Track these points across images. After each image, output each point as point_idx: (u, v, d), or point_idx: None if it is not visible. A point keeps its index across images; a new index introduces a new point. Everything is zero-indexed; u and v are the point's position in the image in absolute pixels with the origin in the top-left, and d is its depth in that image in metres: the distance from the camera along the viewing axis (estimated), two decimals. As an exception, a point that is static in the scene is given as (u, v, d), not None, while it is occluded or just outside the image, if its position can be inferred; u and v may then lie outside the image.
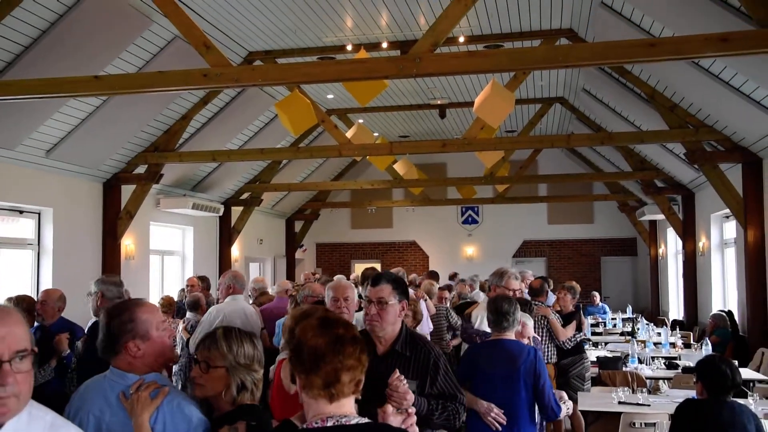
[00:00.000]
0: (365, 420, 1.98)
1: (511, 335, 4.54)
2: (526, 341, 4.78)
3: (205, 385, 2.63)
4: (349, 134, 11.39)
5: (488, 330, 4.78)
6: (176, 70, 6.45)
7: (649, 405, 5.79)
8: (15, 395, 1.71)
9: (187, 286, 8.82)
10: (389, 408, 2.59)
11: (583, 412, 6.02)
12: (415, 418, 2.67)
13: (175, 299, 8.94)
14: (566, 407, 4.59)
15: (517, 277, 5.41)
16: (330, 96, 13.16)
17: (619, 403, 5.89)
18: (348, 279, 8.91)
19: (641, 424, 5.33)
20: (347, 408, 1.97)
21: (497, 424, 4.28)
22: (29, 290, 9.40)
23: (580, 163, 17.53)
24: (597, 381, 7.31)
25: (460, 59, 6.09)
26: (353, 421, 1.94)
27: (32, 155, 9.07)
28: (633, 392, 6.29)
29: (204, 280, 9.17)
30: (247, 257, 16.31)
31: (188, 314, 7.70)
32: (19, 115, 8.19)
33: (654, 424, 5.27)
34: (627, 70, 9.50)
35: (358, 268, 17.76)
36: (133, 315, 2.64)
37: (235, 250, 15.39)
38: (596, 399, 6.24)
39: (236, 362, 2.63)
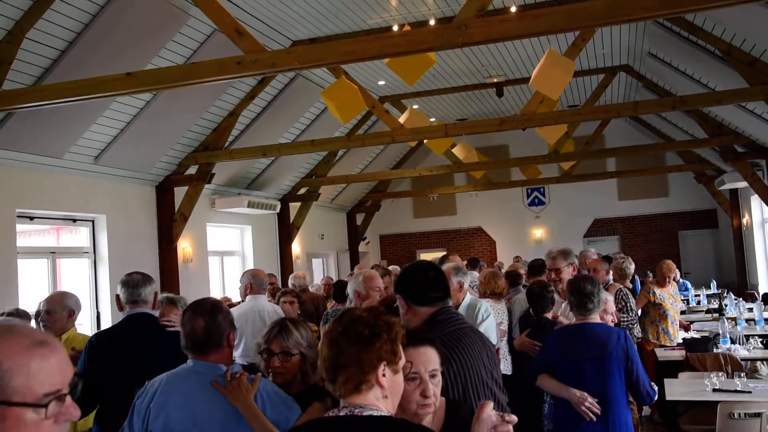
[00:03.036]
0: (382, 413, 1.94)
1: (596, 318, 4.22)
2: (610, 318, 4.44)
3: (285, 372, 2.97)
4: (402, 119, 10.92)
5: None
6: (209, 60, 6.12)
7: (750, 392, 5.10)
8: None
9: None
10: (490, 405, 2.33)
11: (671, 402, 5.39)
12: (510, 428, 2.30)
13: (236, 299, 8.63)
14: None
15: (557, 257, 4.96)
16: (381, 82, 12.73)
17: (714, 390, 5.20)
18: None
19: (742, 414, 4.69)
20: (369, 399, 1.96)
21: (591, 414, 3.97)
22: (88, 299, 9.32)
23: (649, 135, 16.58)
24: (685, 365, 6.64)
25: (509, 23, 5.53)
26: (366, 413, 1.92)
27: (81, 162, 8.94)
28: (728, 377, 5.64)
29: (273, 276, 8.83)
30: (309, 253, 16.06)
31: None
32: (63, 122, 8.05)
33: (759, 414, 4.62)
34: (698, 27, 8.71)
35: (425, 257, 17.27)
36: (228, 309, 2.94)
37: (296, 247, 15.14)
38: (686, 387, 5.58)
39: (307, 347, 3.00)
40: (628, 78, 13.36)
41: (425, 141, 12.84)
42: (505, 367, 5.62)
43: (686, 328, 8.19)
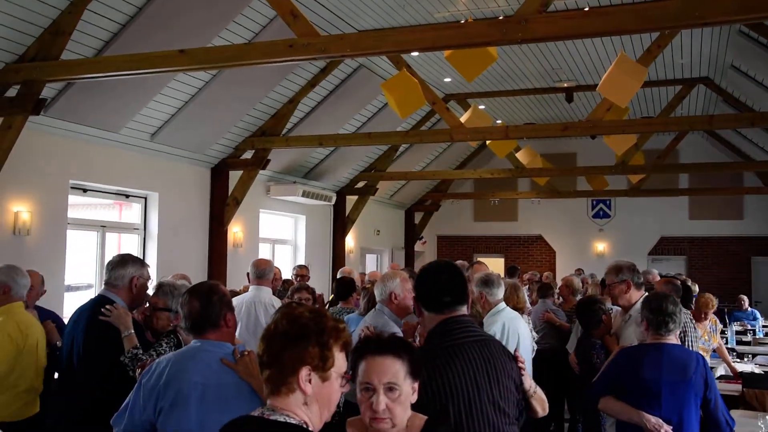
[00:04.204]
0: (292, 420, 1.81)
1: (675, 339, 3.92)
2: None
3: None
4: (463, 118, 10.62)
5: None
6: (261, 42, 6.01)
7: (806, 439, 4.65)
8: None
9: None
10: None
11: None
12: None
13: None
14: None
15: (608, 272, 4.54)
16: (447, 79, 12.45)
17: (767, 433, 4.78)
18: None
19: (795, 465, 4.24)
20: (288, 403, 1.84)
21: None
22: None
23: (727, 153, 15.74)
24: (741, 402, 6.16)
25: (573, 20, 5.21)
26: (273, 417, 1.82)
27: (137, 138, 8.99)
28: (786, 420, 5.15)
29: (303, 268, 8.68)
30: (363, 248, 15.90)
31: None
32: (121, 96, 8.08)
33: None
34: (786, 37, 8.14)
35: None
36: (226, 291, 3.04)
37: (350, 241, 15.01)
38: (738, 426, 5.13)
39: None
40: (708, 91, 12.68)
41: (488, 143, 12.53)
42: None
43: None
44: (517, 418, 2.79)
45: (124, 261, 3.87)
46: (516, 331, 4.43)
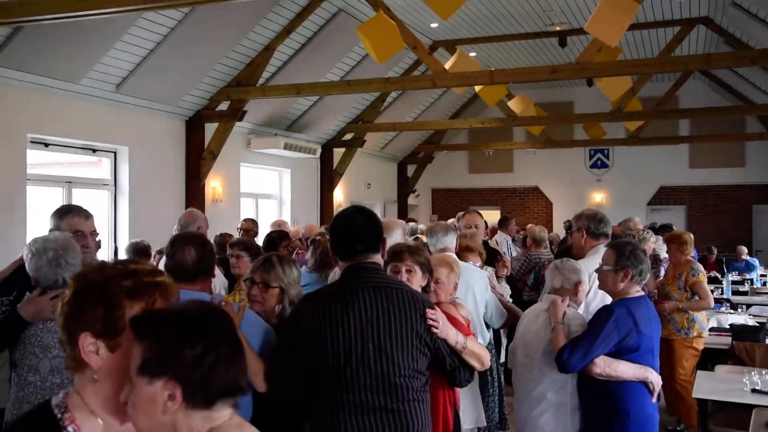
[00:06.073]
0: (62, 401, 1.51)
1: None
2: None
3: (264, 302, 3.12)
4: (448, 64, 10.11)
5: None
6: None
7: (795, 397, 4.28)
8: None
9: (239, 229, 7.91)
10: None
11: (701, 400, 4.60)
12: None
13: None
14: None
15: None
16: (434, 25, 11.89)
17: (753, 391, 4.39)
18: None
19: (782, 424, 3.89)
20: (81, 382, 1.54)
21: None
22: (106, 233, 9.03)
23: (728, 97, 15.18)
24: (730, 356, 5.81)
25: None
26: (55, 400, 1.55)
27: (101, 89, 8.52)
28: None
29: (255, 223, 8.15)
30: (353, 202, 15.46)
31: None
32: (78, 44, 7.60)
33: (800, 427, 3.81)
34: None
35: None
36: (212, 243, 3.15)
37: (339, 195, 14.62)
38: (722, 383, 4.76)
39: (288, 282, 3.13)
40: (708, 32, 12.09)
41: (477, 90, 12.02)
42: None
43: None
44: (419, 372, 2.61)
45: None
46: (466, 282, 3.99)
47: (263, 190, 12.77)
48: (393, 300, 2.58)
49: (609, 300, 3.61)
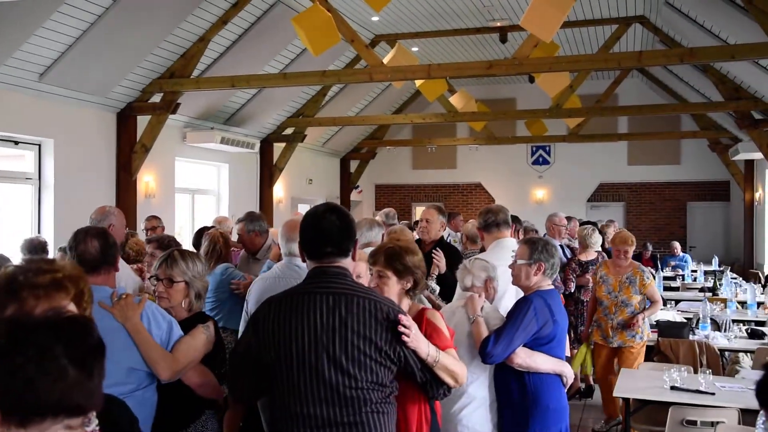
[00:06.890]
0: None
1: None
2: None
3: (170, 297, 3.16)
4: (386, 58, 10.03)
5: None
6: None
7: (713, 393, 4.27)
8: None
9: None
10: None
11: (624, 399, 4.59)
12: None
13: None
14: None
15: None
16: (375, 18, 11.78)
17: (672, 388, 4.40)
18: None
19: (698, 422, 3.90)
20: None
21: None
22: (30, 228, 8.68)
23: (665, 96, 15.46)
24: (656, 352, 5.86)
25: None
26: None
27: (22, 78, 8.15)
28: (696, 371, 4.85)
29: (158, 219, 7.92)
30: (294, 198, 15.31)
31: None
32: (-5, 30, 7.26)
33: (714, 424, 3.82)
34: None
35: (419, 211, 16.46)
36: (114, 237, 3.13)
37: (279, 191, 14.40)
38: (643, 380, 4.78)
39: (193, 276, 3.19)
40: (644, 32, 12.31)
41: (417, 85, 11.97)
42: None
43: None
44: (379, 384, 2.43)
45: None
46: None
47: (200, 185, 12.49)
48: (352, 309, 2.42)
49: (520, 293, 3.72)
